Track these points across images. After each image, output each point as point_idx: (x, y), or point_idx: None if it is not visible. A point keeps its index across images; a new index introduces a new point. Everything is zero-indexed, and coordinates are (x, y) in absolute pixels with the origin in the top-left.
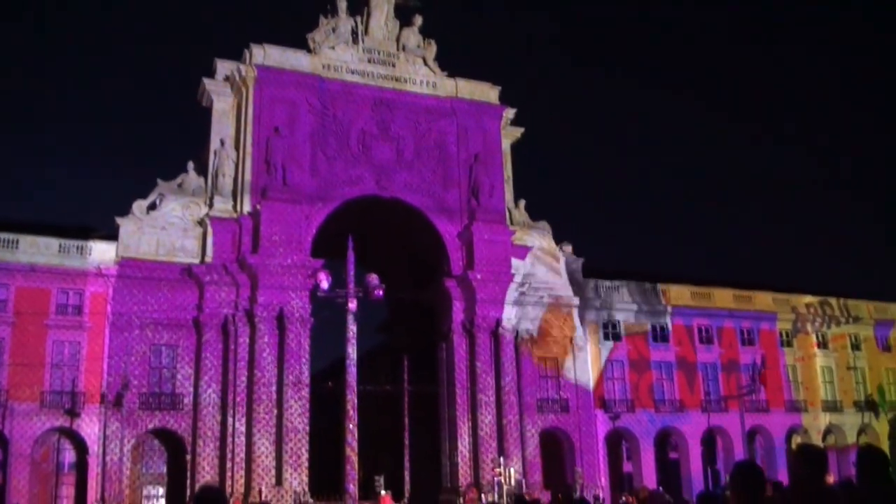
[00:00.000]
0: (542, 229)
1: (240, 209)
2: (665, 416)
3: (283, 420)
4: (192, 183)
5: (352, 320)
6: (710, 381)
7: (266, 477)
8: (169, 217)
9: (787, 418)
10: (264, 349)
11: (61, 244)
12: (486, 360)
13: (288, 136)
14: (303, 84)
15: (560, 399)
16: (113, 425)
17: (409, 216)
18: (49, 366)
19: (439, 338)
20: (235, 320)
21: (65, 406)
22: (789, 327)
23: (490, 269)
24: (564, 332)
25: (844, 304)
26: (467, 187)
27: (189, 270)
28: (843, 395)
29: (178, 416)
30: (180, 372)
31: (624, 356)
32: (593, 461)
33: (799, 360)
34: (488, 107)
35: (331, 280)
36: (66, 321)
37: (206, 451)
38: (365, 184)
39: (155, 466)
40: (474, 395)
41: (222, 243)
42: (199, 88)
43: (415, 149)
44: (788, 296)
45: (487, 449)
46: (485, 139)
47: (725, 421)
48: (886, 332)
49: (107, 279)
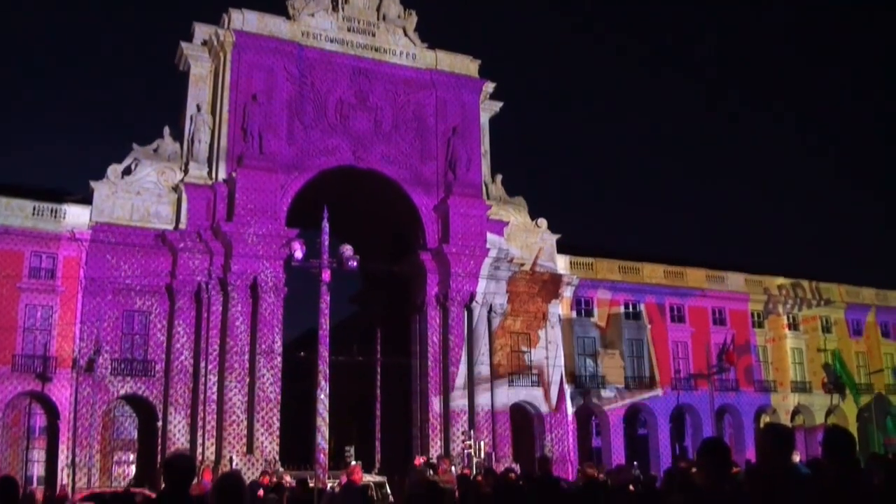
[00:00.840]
0: (518, 204)
1: (215, 176)
2: (635, 392)
3: (255, 389)
4: (168, 148)
5: (325, 290)
6: (680, 359)
7: (237, 445)
8: (144, 182)
9: (757, 398)
10: (237, 317)
11: (35, 207)
12: (458, 334)
13: (265, 104)
14: (281, 51)
15: (531, 374)
16: (84, 390)
17: (386, 188)
18: (21, 329)
19: (413, 310)
20: (209, 288)
21: (36, 370)
22: (761, 308)
23: (465, 243)
24: (538, 306)
25: (816, 286)
26: (444, 160)
27: (163, 237)
28: (812, 377)
29: (150, 383)
30: (153, 338)
31: (596, 333)
32: (563, 436)
33: (770, 340)
34: (468, 80)
35: (305, 250)
36: (39, 285)
37: (177, 418)
38: (342, 154)
39: (126, 432)
40: (446, 367)
41: (197, 210)
42: (177, 52)
43: (393, 120)
44: (761, 277)
45: (458, 421)
46: (463, 112)
47: (694, 399)
48: (858, 315)
49: (80, 243)
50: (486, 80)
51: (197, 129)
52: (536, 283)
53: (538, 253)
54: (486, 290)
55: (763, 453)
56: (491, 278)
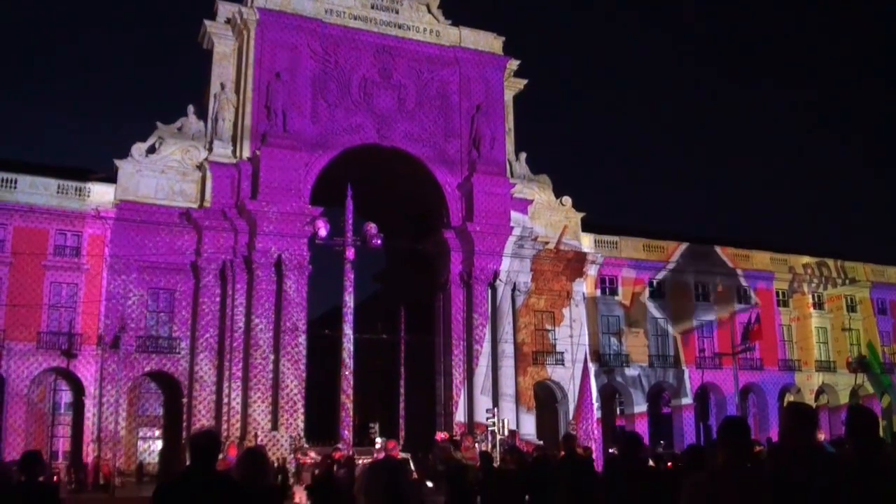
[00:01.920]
0: (542, 182)
1: (239, 154)
2: (659, 371)
3: (280, 366)
4: (192, 127)
5: (349, 268)
6: (705, 338)
7: (262, 422)
8: (168, 161)
9: (781, 377)
10: (262, 296)
11: (60, 185)
12: (482, 312)
13: (289, 82)
14: (304, 28)
15: (555, 351)
16: (109, 367)
17: (410, 166)
18: (46, 307)
19: (437, 288)
20: (233, 266)
21: (62, 347)
22: (786, 287)
23: (489, 222)
24: (562, 285)
25: (842, 265)
26: (468, 138)
27: (188, 215)
28: (836, 356)
29: (175, 360)
30: (177, 316)
31: (620, 311)
32: (587, 414)
33: (794, 319)
34: (492, 57)
35: (329, 228)
36: (64, 262)
37: (202, 395)
38: (365, 132)
39: (151, 409)
40: (470, 345)
41: (221, 188)
42: (201, 30)
43: (416, 98)
44: (786, 256)
45: (482, 399)
46: (487, 90)
47: (719, 378)
48: (883, 294)
49: (105, 221)
50: (510, 58)
51: (221, 107)
52: (560, 261)
53: (562, 231)
54: (509, 268)
55: (785, 432)
56: (515, 256)
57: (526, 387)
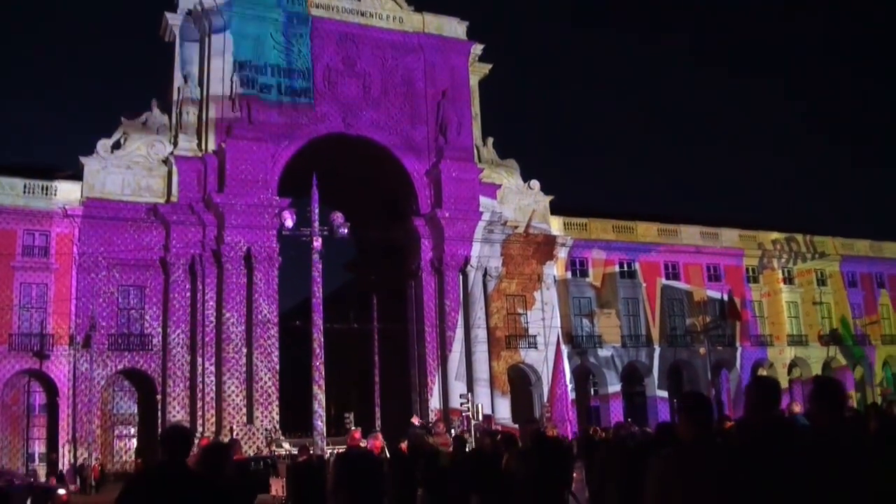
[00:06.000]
0: (510, 167)
1: (205, 147)
2: (632, 350)
3: (253, 359)
4: (157, 121)
5: (317, 259)
6: (676, 316)
7: (237, 415)
8: (133, 156)
9: (753, 352)
10: (232, 289)
11: (26, 184)
12: (454, 298)
13: (252, 72)
14: (266, 18)
15: (528, 335)
16: (82, 367)
17: (377, 154)
18: (17, 308)
19: (408, 276)
20: (203, 260)
21: (34, 348)
22: (755, 263)
23: (458, 207)
24: (533, 268)
25: (811, 240)
26: (435, 125)
27: (155, 210)
28: (808, 330)
29: (148, 357)
30: (148, 312)
31: (591, 293)
32: (561, 396)
33: (765, 295)
34: (455, 42)
35: (295, 218)
36: (33, 263)
37: (176, 390)
38: (331, 121)
39: (126, 407)
40: (443, 332)
41: (188, 182)
42: (162, 23)
43: (381, 86)
44: (755, 232)
45: (456, 385)
46: (452, 76)
47: (691, 355)
48: (853, 267)
49: (72, 219)
50: (475, 42)
51: (185, 100)
52: (531, 245)
53: (531, 215)
54: (480, 253)
55: (749, 406)
56: (485, 242)
57: (500, 371)
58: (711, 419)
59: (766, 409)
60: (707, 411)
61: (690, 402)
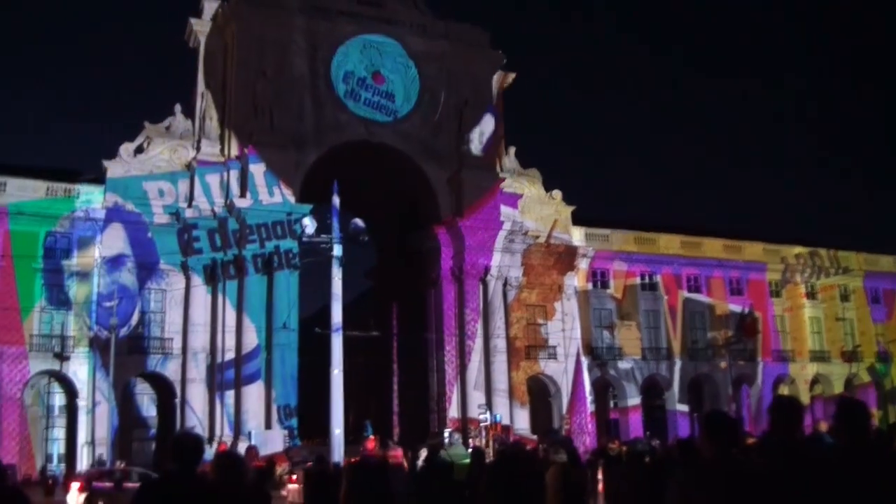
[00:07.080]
0: (532, 176)
1: (227, 153)
2: (652, 363)
3: (272, 364)
4: (180, 126)
5: (336, 265)
6: (698, 329)
7: (255, 420)
8: (156, 160)
9: (775, 367)
10: (252, 294)
11: (49, 187)
12: (474, 307)
13: (275, 79)
14: (290, 25)
15: (548, 346)
16: (101, 369)
17: (398, 162)
18: (38, 309)
19: (428, 284)
20: (223, 265)
21: (54, 350)
22: (778, 278)
23: (479, 216)
24: (553, 279)
25: (834, 255)
26: (457, 133)
27: (177, 214)
28: (830, 346)
29: (167, 360)
30: (169, 316)
31: (612, 304)
32: (580, 408)
33: (787, 310)
34: (479, 51)
35: (316, 225)
36: (55, 265)
37: (194, 394)
38: (353, 129)
39: (144, 409)
40: (462, 341)
41: (210, 187)
42: (187, 29)
43: (404, 93)
44: (778, 246)
45: (475, 395)
46: (475, 84)
47: (712, 369)
48: (876, 283)
49: (95, 222)
50: (498, 52)
51: (208, 106)
52: (552, 255)
53: (553, 225)
54: (500, 263)
55: (771, 425)
56: (505, 251)
57: (519, 381)
58: (735, 440)
59: (789, 431)
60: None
61: (711, 423)
